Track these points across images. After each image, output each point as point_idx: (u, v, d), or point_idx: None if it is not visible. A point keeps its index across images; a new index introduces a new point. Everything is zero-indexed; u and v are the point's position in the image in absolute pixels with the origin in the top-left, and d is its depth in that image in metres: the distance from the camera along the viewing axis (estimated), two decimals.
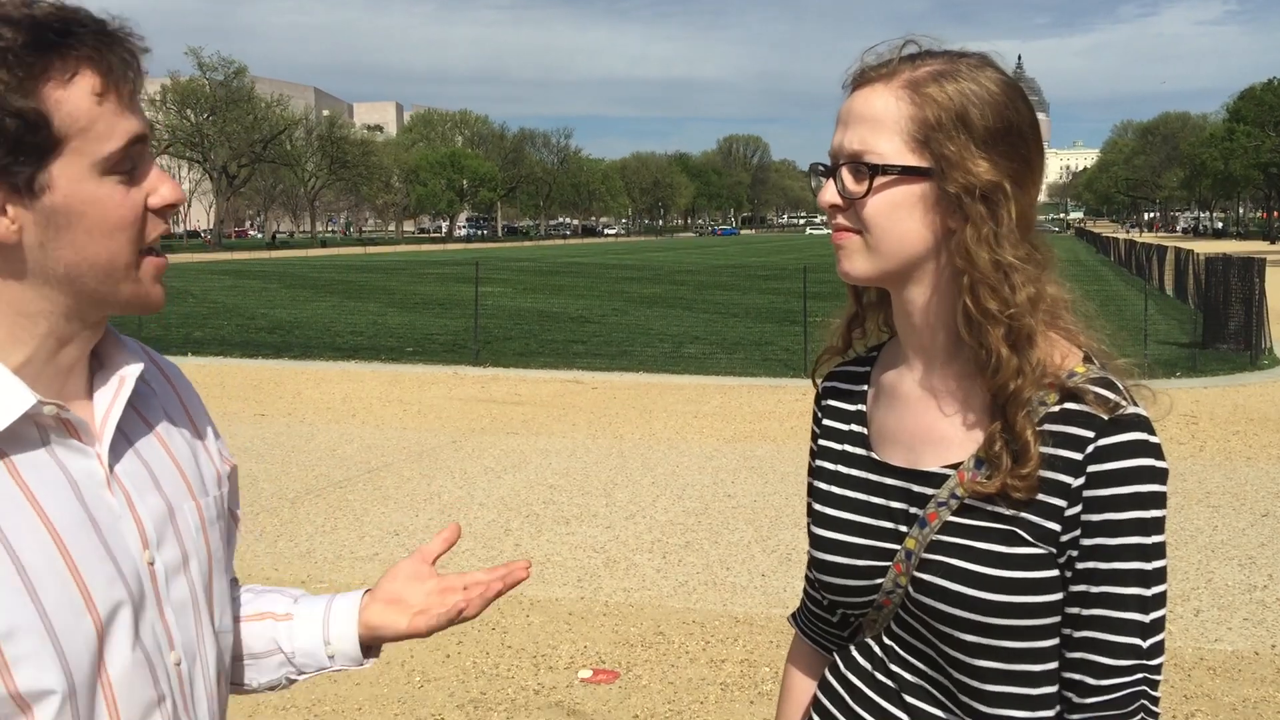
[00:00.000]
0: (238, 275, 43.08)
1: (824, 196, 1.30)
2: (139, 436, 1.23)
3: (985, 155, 1.23)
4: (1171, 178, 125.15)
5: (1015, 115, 1.26)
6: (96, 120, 1.10)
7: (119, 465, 1.19)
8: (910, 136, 1.24)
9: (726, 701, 4.74)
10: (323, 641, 1.40)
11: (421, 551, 1.45)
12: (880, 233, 1.26)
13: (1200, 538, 7.10)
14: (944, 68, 1.26)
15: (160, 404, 1.30)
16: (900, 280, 1.30)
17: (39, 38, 1.07)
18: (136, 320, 18.94)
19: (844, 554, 1.37)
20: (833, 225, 1.31)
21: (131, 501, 1.18)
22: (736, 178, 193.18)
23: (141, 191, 1.15)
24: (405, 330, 20.96)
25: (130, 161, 1.14)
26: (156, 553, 1.19)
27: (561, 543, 7.10)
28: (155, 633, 1.18)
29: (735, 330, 20.95)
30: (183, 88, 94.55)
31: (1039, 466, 1.21)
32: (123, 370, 1.22)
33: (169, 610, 1.20)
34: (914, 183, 1.25)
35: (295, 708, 4.65)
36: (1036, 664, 1.25)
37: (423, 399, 12.93)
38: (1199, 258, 21.34)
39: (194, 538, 1.24)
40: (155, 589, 1.18)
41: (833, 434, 1.46)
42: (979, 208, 1.23)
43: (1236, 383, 13.96)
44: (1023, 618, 1.22)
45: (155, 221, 1.17)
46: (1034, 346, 1.24)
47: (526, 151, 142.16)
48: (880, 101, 1.26)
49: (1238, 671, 5.04)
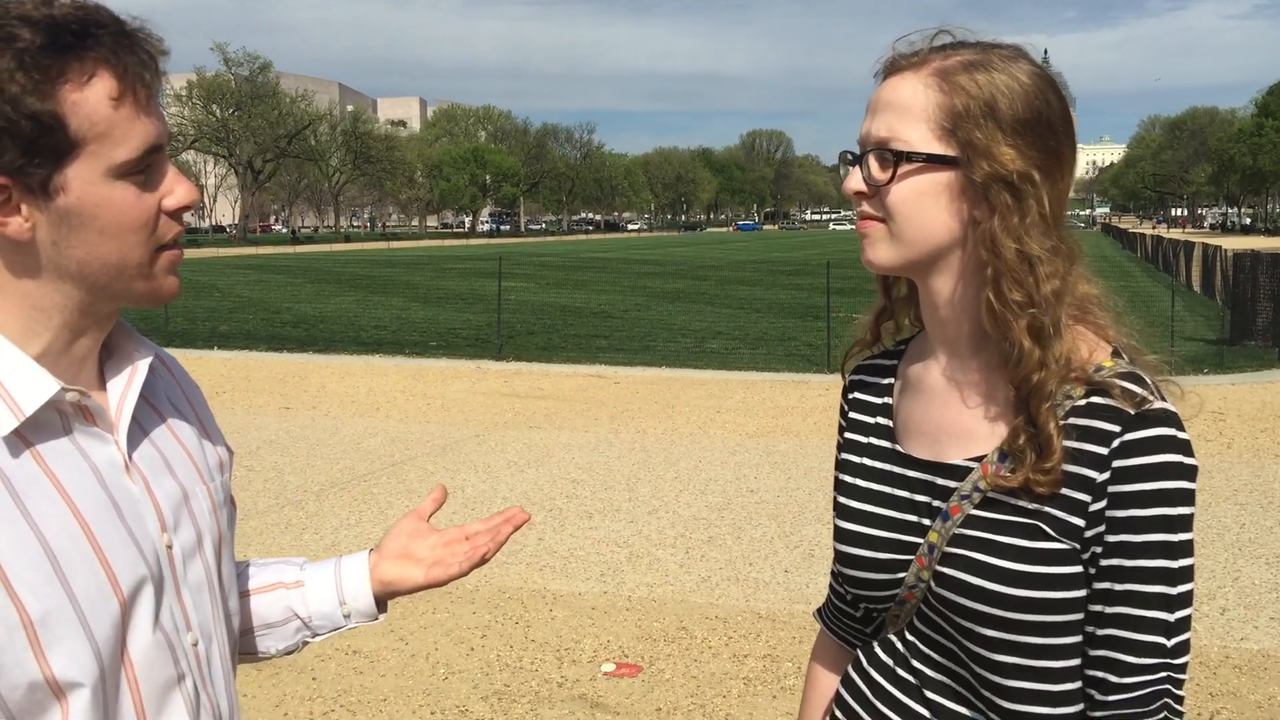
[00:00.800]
0: (262, 270, 43.34)
1: (849, 184, 1.30)
2: (151, 424, 1.26)
3: (1012, 144, 1.22)
4: (1199, 173, 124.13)
5: (1045, 107, 1.25)
6: (113, 125, 1.10)
7: (136, 452, 1.22)
8: (938, 124, 1.24)
9: (749, 696, 4.75)
10: (338, 603, 1.45)
11: (417, 511, 1.51)
12: (904, 221, 1.26)
13: (1227, 535, 7.05)
14: (976, 58, 1.25)
15: (165, 391, 1.33)
16: (925, 270, 1.30)
17: (57, 39, 1.07)
18: (163, 313, 19.12)
19: (867, 547, 1.36)
20: (858, 213, 1.31)
21: (150, 486, 1.21)
22: (759, 173, 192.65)
23: (156, 194, 1.16)
24: (429, 325, 21.04)
25: (146, 167, 1.14)
26: (174, 535, 1.22)
27: (584, 537, 7.12)
28: (174, 614, 1.21)
29: (758, 325, 20.91)
30: (208, 83, 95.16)
31: (1062, 461, 1.20)
32: (134, 360, 1.25)
33: (186, 592, 1.23)
34: (939, 171, 1.24)
35: (321, 698, 4.69)
36: (1058, 660, 1.24)
37: (446, 393, 12.98)
38: (1227, 254, 21.15)
39: (207, 520, 1.28)
40: (174, 571, 1.22)
41: (858, 426, 1.45)
42: (1005, 197, 1.22)
43: (1264, 379, 13.84)
44: (1045, 613, 1.21)
45: (170, 222, 1.18)
46: (1058, 339, 1.22)
47: (549, 146, 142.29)
48: (909, 89, 1.26)
49: (1264, 670, 5.01)
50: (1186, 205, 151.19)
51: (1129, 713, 1.21)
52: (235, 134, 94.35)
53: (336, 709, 4.60)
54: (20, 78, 1.05)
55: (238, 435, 10.31)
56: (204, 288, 31.41)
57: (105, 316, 1.20)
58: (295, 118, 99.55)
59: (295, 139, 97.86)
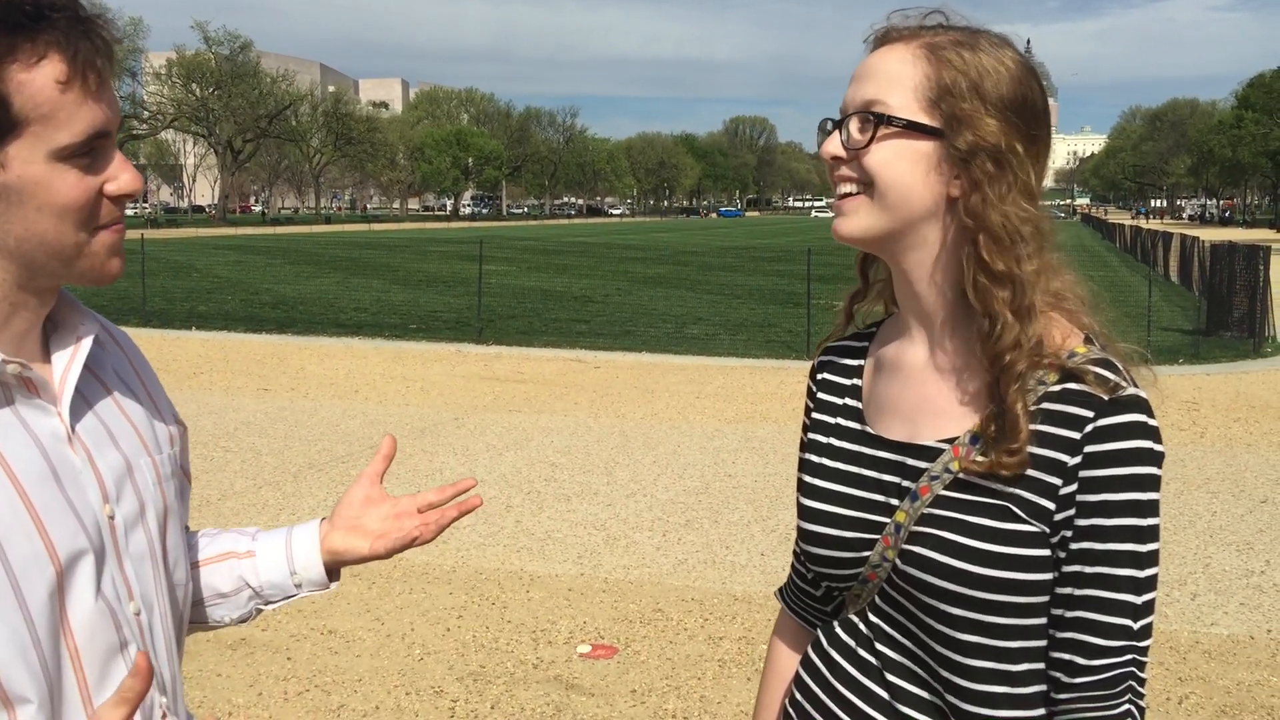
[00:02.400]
0: (242, 250, 43.08)
1: (827, 147, 1.30)
2: (96, 396, 1.26)
3: (997, 118, 1.24)
4: (1179, 164, 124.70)
5: (1029, 92, 1.26)
6: (58, 108, 1.10)
7: (79, 423, 1.22)
8: (923, 95, 1.24)
9: (724, 678, 4.78)
10: (289, 572, 1.46)
11: (367, 474, 1.50)
12: (883, 185, 1.26)
13: (1199, 523, 7.12)
14: (965, 38, 1.27)
15: (113, 365, 1.33)
16: (900, 243, 1.29)
17: (8, 18, 1.08)
18: (141, 293, 18.97)
19: (832, 525, 1.36)
20: (834, 179, 1.30)
21: (92, 457, 1.21)
22: (742, 159, 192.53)
23: (99, 178, 1.16)
24: (409, 307, 20.97)
25: (90, 151, 1.14)
26: (116, 506, 1.22)
27: (562, 520, 7.14)
28: (115, 583, 1.21)
29: (739, 311, 20.94)
30: (188, 62, 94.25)
31: (1028, 443, 1.21)
32: (79, 332, 1.25)
33: (128, 562, 1.23)
34: (920, 139, 1.25)
35: (296, 678, 4.69)
36: (1021, 640, 1.24)
37: (426, 376, 12.95)
38: (1204, 245, 21.29)
39: (151, 492, 1.28)
40: (115, 541, 1.22)
41: (826, 407, 1.45)
42: (988, 166, 1.23)
43: (1239, 370, 13.96)
44: (1012, 594, 1.22)
45: (110, 207, 1.18)
46: (1034, 320, 1.23)
47: (532, 130, 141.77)
48: (897, 58, 1.27)
49: (1233, 655, 5.07)
50: (1166, 196, 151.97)
51: (1094, 694, 1.21)
52: (215, 113, 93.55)
53: (311, 689, 4.60)
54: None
55: (215, 416, 10.27)
56: (182, 268, 31.21)
57: (46, 293, 1.20)
58: (276, 98, 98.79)
59: (276, 119, 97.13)
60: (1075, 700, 1.23)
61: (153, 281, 22.17)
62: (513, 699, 4.53)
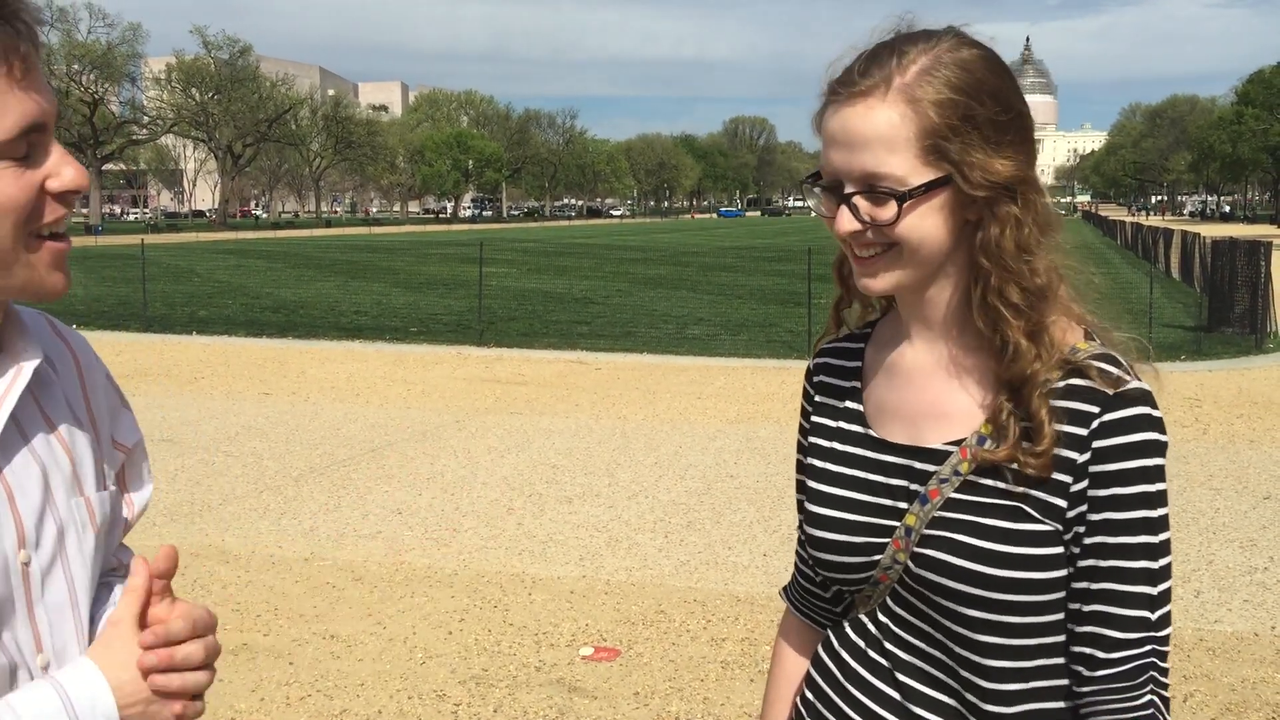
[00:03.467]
0: (242, 255, 43.09)
1: (844, 226, 1.25)
2: (34, 430, 1.16)
3: (997, 150, 1.22)
4: (1179, 161, 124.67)
5: (1009, 94, 1.25)
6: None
7: (6, 461, 1.12)
8: (922, 149, 1.21)
9: (727, 679, 4.77)
10: None
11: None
12: (910, 246, 1.25)
13: (1202, 520, 7.11)
14: (928, 62, 1.22)
15: (62, 390, 1.23)
16: (925, 280, 1.30)
17: None
18: (142, 299, 18.97)
19: (841, 531, 1.36)
20: (851, 247, 1.28)
21: (13, 498, 1.11)
22: (742, 159, 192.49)
23: (39, 174, 1.08)
24: (409, 310, 20.97)
25: (24, 145, 1.06)
26: (34, 553, 1.13)
27: (564, 522, 7.13)
28: (18, 635, 1.11)
29: (740, 312, 20.93)
30: (187, 67, 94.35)
31: (1054, 444, 1.21)
32: (21, 361, 1.15)
33: (40, 611, 1.14)
34: (936, 194, 1.23)
35: (298, 683, 4.68)
36: (1038, 638, 1.25)
37: (427, 379, 12.95)
38: (1205, 241, 21.27)
39: (76, 537, 1.18)
40: (27, 590, 1.12)
41: (827, 411, 1.45)
42: (1006, 204, 1.23)
43: (1241, 366, 13.94)
44: (1028, 593, 1.22)
45: (54, 206, 1.09)
46: (1047, 331, 1.24)
47: (532, 132, 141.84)
48: (881, 118, 1.21)
49: (1237, 652, 5.05)
50: (1166, 193, 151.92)
51: (1116, 687, 1.22)
52: (215, 118, 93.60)
53: (313, 694, 4.59)
54: None
55: (216, 420, 10.27)
56: (183, 273, 31.22)
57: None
58: (275, 102, 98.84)
59: (275, 123, 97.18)
60: (1097, 693, 1.23)
61: (153, 286, 22.19)
62: (515, 702, 4.52)
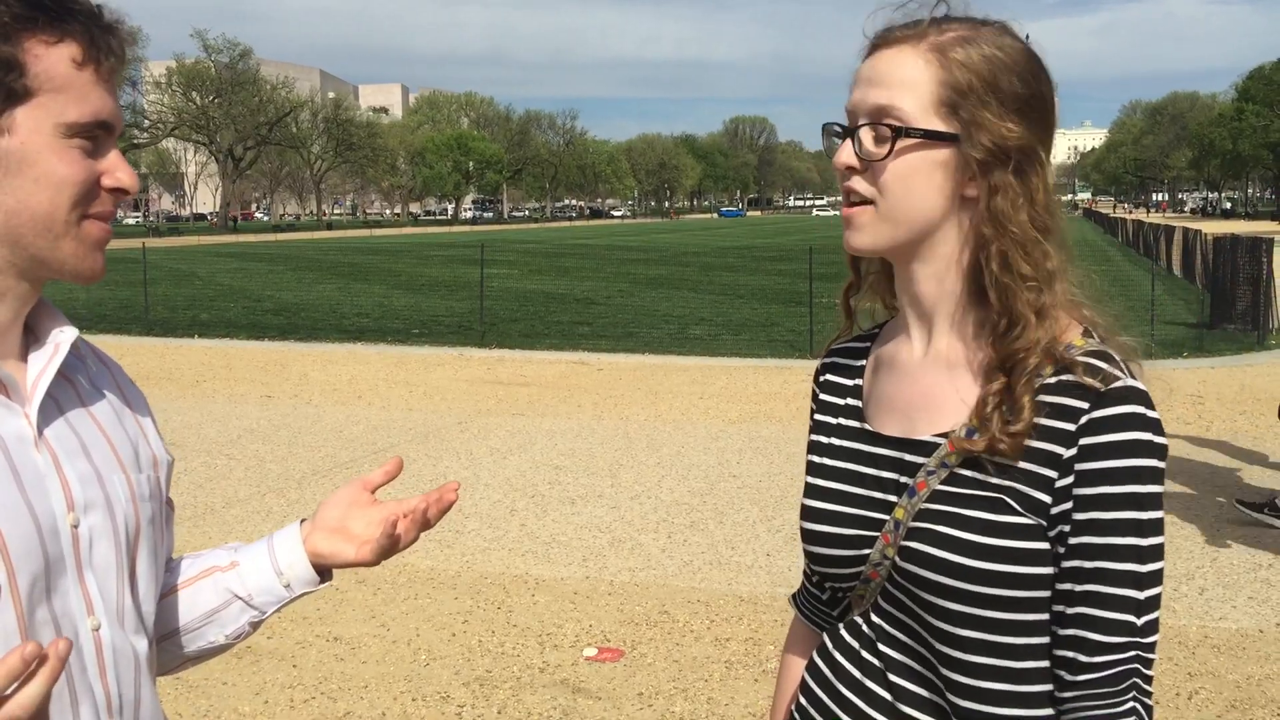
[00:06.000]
0: (243, 258, 43.11)
1: (840, 157, 1.27)
2: (70, 404, 1.23)
3: (1015, 120, 1.22)
4: (1180, 158, 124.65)
5: (1040, 84, 1.25)
6: (71, 84, 1.13)
7: (48, 428, 1.19)
8: (938, 100, 1.22)
9: (731, 679, 4.76)
10: (275, 574, 1.40)
11: (362, 480, 1.46)
12: (895, 199, 1.24)
13: (1206, 517, 7.10)
14: (969, 33, 1.24)
15: (94, 379, 1.30)
16: (909, 250, 1.28)
17: (35, 5, 1.13)
18: (144, 302, 18.98)
19: (832, 523, 1.35)
20: (844, 188, 1.28)
21: (59, 463, 1.18)
22: (743, 159, 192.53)
23: (98, 167, 1.18)
24: (411, 312, 20.97)
25: (94, 137, 1.16)
26: (82, 516, 1.18)
27: (567, 523, 7.12)
28: (69, 595, 1.17)
29: (741, 312, 20.92)
30: (188, 70, 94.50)
31: (1029, 428, 1.19)
32: (57, 337, 1.23)
33: (90, 575, 1.19)
34: (936, 148, 1.23)
35: (302, 685, 4.67)
36: (1021, 637, 1.23)
37: (429, 380, 12.95)
38: (1206, 238, 21.24)
39: (123, 507, 1.23)
40: (77, 552, 1.18)
41: (828, 408, 1.45)
42: (1011, 169, 1.22)
43: (1243, 363, 13.92)
44: (1010, 588, 1.20)
45: (105, 199, 1.19)
46: (1049, 318, 1.23)
47: (532, 133, 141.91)
48: (907, 62, 1.23)
49: (1241, 649, 5.05)
50: (1167, 190, 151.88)
51: (1098, 692, 1.19)
52: (215, 121, 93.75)
53: (317, 696, 4.59)
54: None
55: (219, 424, 10.27)
56: (184, 276, 31.22)
57: (29, 283, 1.18)
58: (276, 105, 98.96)
59: (276, 126, 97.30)
60: (1079, 698, 1.21)
61: (155, 290, 22.19)
62: (519, 703, 4.52)
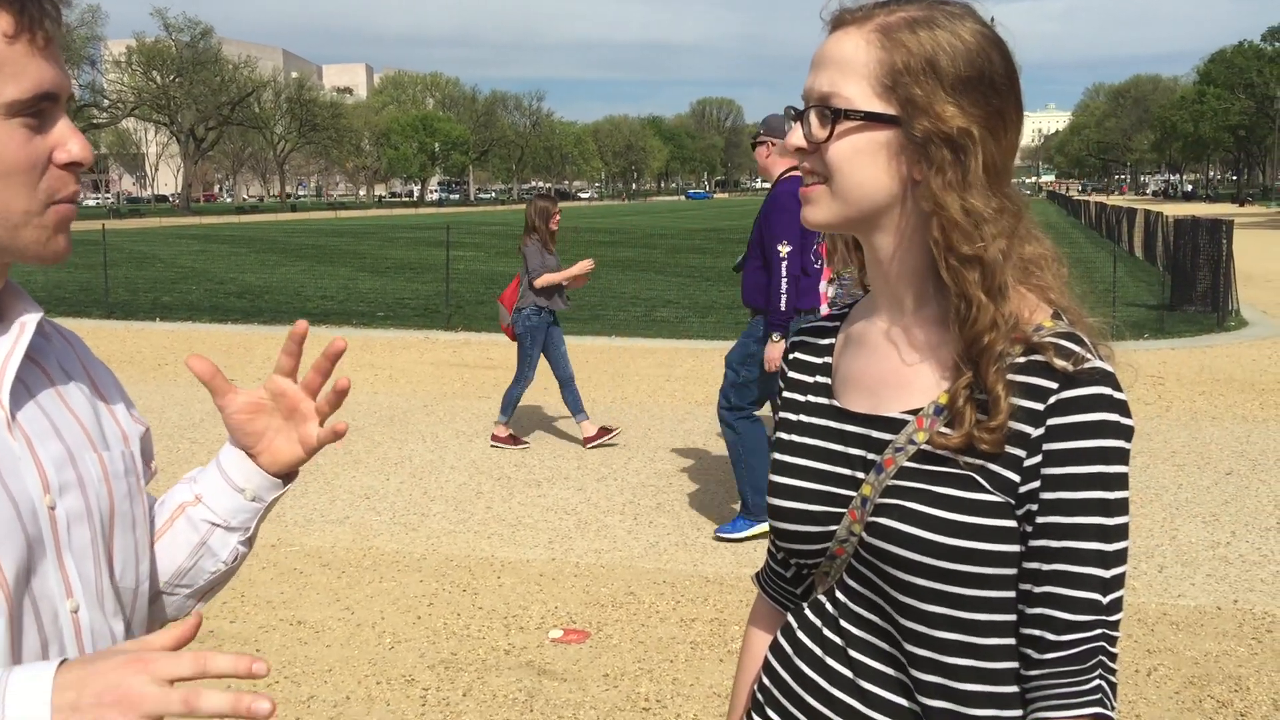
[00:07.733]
0: (206, 240, 42.65)
1: (790, 139, 1.30)
2: (38, 386, 1.21)
3: (953, 101, 1.22)
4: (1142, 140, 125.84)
5: (988, 65, 1.24)
6: (5, 61, 1.08)
7: (19, 411, 1.17)
8: (877, 81, 1.23)
9: (696, 660, 4.77)
10: (235, 492, 1.38)
11: (265, 383, 1.43)
12: (841, 178, 1.26)
13: (1165, 496, 7.19)
14: (920, 14, 1.24)
15: (58, 359, 1.28)
16: (866, 228, 1.31)
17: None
18: (104, 284, 18.74)
19: (799, 499, 1.36)
20: (800, 170, 1.31)
21: (32, 445, 1.16)
22: (710, 141, 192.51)
23: (47, 143, 1.13)
24: (376, 295, 20.83)
25: (38, 113, 1.11)
26: (59, 498, 1.17)
27: (533, 505, 7.11)
28: (48, 578, 1.15)
29: (708, 294, 20.94)
30: (148, 49, 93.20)
31: (1008, 420, 1.20)
32: (22, 319, 1.20)
33: (69, 557, 1.18)
34: (878, 129, 1.24)
35: None
36: (986, 613, 1.23)
37: (394, 363, 12.87)
38: (1168, 220, 21.46)
39: (96, 488, 1.22)
40: (55, 534, 1.16)
41: (797, 386, 1.46)
42: (945, 154, 1.22)
43: (1203, 344, 14.09)
44: (976, 564, 1.21)
45: (62, 177, 1.14)
46: (1006, 299, 1.23)
47: (498, 114, 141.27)
48: (851, 44, 1.25)
49: (1200, 626, 5.12)
50: (1129, 172, 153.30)
51: (1065, 670, 1.21)
52: (176, 101, 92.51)
53: (280, 680, 4.56)
54: None
55: (180, 408, 10.17)
56: (146, 258, 30.84)
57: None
58: (238, 84, 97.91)
59: (238, 106, 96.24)
60: (1045, 676, 1.22)
61: (115, 272, 21.92)
62: (485, 686, 4.51)
